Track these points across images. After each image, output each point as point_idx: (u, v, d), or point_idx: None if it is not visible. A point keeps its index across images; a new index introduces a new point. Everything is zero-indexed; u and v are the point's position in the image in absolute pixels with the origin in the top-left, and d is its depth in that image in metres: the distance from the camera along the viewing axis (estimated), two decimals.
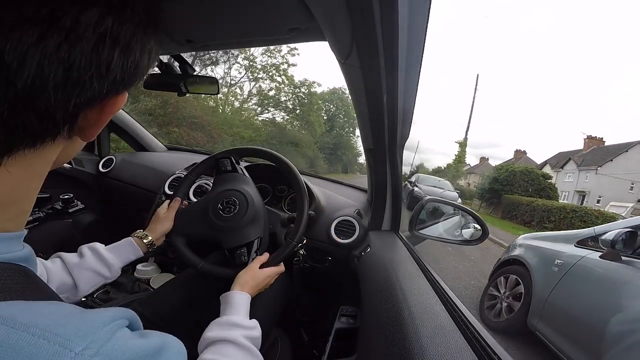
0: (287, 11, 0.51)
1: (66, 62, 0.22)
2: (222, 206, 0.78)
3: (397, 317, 0.49)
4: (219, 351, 0.50)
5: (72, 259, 0.62)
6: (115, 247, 0.70)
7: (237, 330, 0.54)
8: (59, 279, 0.59)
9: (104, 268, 0.65)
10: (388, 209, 1.03)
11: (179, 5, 0.54)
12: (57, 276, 0.59)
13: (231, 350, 0.51)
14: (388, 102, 0.63)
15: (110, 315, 0.24)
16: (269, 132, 12.51)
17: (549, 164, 21.19)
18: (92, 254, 0.64)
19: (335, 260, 1.05)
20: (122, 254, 0.69)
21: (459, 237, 1.14)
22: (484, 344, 0.41)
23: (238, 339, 0.52)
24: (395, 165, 0.93)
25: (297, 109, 13.74)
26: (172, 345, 0.27)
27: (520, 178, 13.88)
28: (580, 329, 1.69)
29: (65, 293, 0.60)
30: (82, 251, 0.64)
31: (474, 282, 3.21)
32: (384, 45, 0.47)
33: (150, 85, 0.94)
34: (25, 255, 0.28)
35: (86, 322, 0.22)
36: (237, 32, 0.63)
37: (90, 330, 0.22)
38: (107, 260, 0.65)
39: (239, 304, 0.60)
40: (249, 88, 12.86)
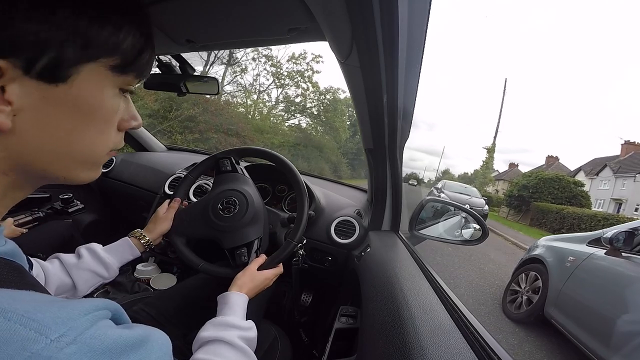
0: (287, 11, 0.50)
1: None
2: (222, 206, 0.78)
3: (397, 317, 0.48)
4: (213, 351, 0.50)
5: (70, 259, 0.63)
6: (113, 247, 0.70)
7: (233, 331, 0.53)
8: (58, 280, 0.59)
9: (102, 268, 0.65)
10: (388, 209, 1.03)
11: (179, 5, 0.54)
12: (56, 277, 0.59)
13: (225, 350, 0.51)
14: (388, 102, 0.63)
15: (94, 305, 0.24)
16: (296, 138, 12.69)
17: (583, 171, 20.38)
18: (89, 254, 0.64)
19: (335, 260, 1.05)
20: (120, 254, 0.69)
21: (459, 237, 1.14)
22: (484, 344, 0.41)
23: (233, 339, 0.52)
24: (395, 165, 0.93)
25: (322, 115, 13.94)
26: (156, 338, 0.27)
27: (550, 185, 13.60)
28: (588, 314, 1.99)
29: (64, 294, 0.60)
30: (80, 252, 0.64)
31: (497, 282, 3.43)
32: (384, 45, 0.47)
33: (150, 85, 0.94)
34: (9, 249, 0.28)
35: (67, 310, 0.22)
36: (237, 32, 0.63)
37: (69, 317, 0.21)
38: (105, 260, 0.65)
39: (235, 305, 0.60)
40: (276, 95, 12.96)
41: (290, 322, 1.17)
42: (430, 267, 0.72)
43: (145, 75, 0.33)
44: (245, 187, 0.81)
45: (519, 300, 2.62)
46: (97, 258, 0.65)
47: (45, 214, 1.17)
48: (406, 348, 0.41)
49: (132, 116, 0.35)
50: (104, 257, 0.65)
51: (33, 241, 1.07)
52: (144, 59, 0.31)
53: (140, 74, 0.32)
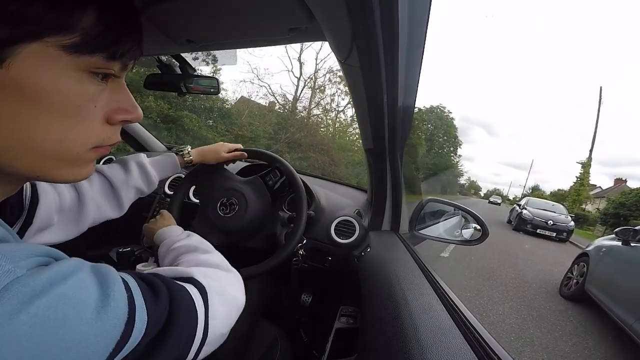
0: (287, 11, 0.51)
1: None
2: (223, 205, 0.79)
3: (397, 317, 0.49)
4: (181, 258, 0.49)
5: (119, 174, 0.60)
6: (159, 161, 0.69)
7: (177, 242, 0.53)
8: (97, 203, 0.56)
9: (145, 184, 0.64)
10: (388, 209, 1.03)
11: (179, 5, 0.54)
12: (94, 200, 0.56)
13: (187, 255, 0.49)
14: (388, 102, 0.63)
15: (37, 250, 0.24)
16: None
17: None
18: (138, 169, 0.63)
19: (335, 260, 1.04)
20: (164, 169, 0.69)
21: (459, 237, 1.14)
22: (484, 344, 0.41)
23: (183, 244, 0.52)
24: (395, 165, 0.93)
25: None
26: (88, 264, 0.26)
27: None
28: (613, 286, 2.83)
29: (104, 214, 0.58)
30: (129, 166, 0.62)
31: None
32: (384, 45, 0.47)
33: (150, 85, 0.94)
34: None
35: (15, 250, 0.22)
36: (237, 32, 0.63)
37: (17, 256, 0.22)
38: (151, 176, 0.64)
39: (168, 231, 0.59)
40: (352, 113, 12.84)
41: (290, 322, 1.17)
42: (430, 267, 0.72)
43: (123, 56, 0.28)
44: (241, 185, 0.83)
45: (570, 283, 3.56)
46: (144, 173, 0.63)
47: None
48: (406, 348, 0.41)
49: (125, 107, 0.30)
50: (151, 173, 0.64)
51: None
52: (112, 36, 0.27)
53: (111, 55, 0.27)
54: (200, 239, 0.56)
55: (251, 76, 11.28)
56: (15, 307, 0.20)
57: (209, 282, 0.38)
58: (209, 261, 0.46)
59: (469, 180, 32.70)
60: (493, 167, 62.93)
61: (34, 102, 0.24)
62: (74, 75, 0.26)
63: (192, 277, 0.36)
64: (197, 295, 0.35)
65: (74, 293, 0.23)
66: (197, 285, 0.36)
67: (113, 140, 0.31)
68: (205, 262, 0.46)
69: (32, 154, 0.26)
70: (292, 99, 11.07)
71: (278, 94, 10.92)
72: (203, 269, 0.42)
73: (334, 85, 11.41)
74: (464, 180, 31.52)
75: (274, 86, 11.82)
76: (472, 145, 61.95)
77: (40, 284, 0.21)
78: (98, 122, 0.29)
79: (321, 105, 11.62)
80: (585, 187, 18.41)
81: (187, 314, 0.32)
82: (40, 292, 0.21)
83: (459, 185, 21.66)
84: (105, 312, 0.24)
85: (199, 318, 0.33)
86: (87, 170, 0.30)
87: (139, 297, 0.27)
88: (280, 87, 11.87)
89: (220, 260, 0.48)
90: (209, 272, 0.42)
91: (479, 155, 66.04)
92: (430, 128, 20.92)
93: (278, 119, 9.71)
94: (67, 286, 0.23)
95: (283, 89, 12.02)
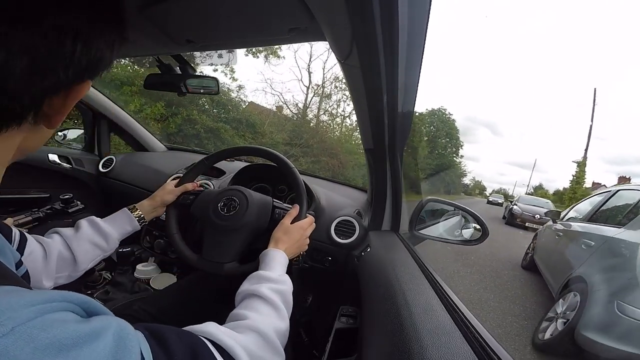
0: (287, 11, 0.50)
1: (31, 52, 0.24)
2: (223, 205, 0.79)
3: (397, 317, 0.48)
4: (246, 305, 0.51)
5: (69, 232, 0.63)
6: (112, 218, 0.71)
7: (264, 284, 0.54)
8: (58, 253, 0.59)
9: (101, 239, 0.65)
10: (388, 209, 1.03)
11: (179, 5, 0.54)
12: (56, 251, 0.59)
13: (256, 303, 0.51)
14: (388, 102, 0.63)
15: (45, 297, 0.22)
16: None
17: None
18: (88, 225, 0.65)
19: (335, 260, 1.04)
20: (119, 225, 0.70)
21: (458, 237, 1.13)
22: (484, 344, 0.41)
23: (262, 291, 0.52)
24: (395, 166, 0.93)
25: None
26: (114, 327, 0.25)
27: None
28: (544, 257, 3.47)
29: (65, 270, 0.60)
30: (79, 224, 0.65)
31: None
32: (384, 45, 0.47)
33: (150, 85, 0.94)
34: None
35: (10, 300, 0.21)
36: (237, 32, 0.63)
37: (10, 307, 0.20)
38: (104, 230, 0.66)
39: (272, 260, 0.62)
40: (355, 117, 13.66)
41: (290, 322, 1.17)
42: (430, 267, 0.71)
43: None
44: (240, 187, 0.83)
45: (527, 256, 4.08)
46: (96, 228, 0.65)
47: (45, 214, 1.17)
48: (406, 348, 0.41)
49: None
50: (103, 227, 0.66)
51: None
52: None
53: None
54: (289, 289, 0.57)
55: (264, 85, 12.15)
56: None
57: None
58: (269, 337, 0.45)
59: (474, 181, 32.91)
60: (498, 166, 63.06)
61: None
62: None
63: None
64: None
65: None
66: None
67: None
68: (265, 336, 0.45)
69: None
70: (303, 107, 11.88)
71: (290, 103, 11.75)
72: (255, 343, 0.42)
73: (340, 92, 11.97)
74: (469, 181, 31.69)
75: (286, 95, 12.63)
76: (477, 145, 61.97)
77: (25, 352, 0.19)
78: None
79: (328, 112, 12.31)
80: (581, 186, 18.90)
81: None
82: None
83: (463, 185, 22.10)
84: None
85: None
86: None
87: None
88: (292, 97, 12.79)
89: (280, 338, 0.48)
90: (257, 351, 0.41)
91: (484, 155, 66.17)
92: (432, 130, 21.26)
93: (292, 127, 10.49)
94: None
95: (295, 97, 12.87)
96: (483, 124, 61.37)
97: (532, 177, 54.57)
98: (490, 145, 63.70)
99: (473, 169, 57.91)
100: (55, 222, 1.21)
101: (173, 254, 1.31)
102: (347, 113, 12.22)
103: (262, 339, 0.44)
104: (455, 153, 23.84)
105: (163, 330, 0.31)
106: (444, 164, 21.70)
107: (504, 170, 62.68)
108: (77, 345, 0.21)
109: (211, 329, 0.38)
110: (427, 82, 31.04)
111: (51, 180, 1.42)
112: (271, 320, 0.49)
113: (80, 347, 0.21)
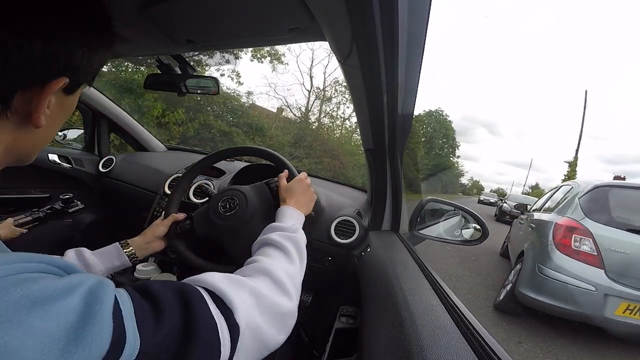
0: (287, 11, 0.51)
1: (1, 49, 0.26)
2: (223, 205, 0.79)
3: (397, 317, 0.48)
4: (261, 252, 0.53)
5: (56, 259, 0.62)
6: (102, 252, 0.69)
7: (275, 232, 0.56)
8: None
9: (84, 269, 0.63)
10: (388, 209, 1.03)
11: (179, 5, 0.54)
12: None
13: (266, 249, 0.53)
14: (388, 102, 0.63)
15: (25, 257, 0.23)
16: None
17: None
18: (75, 256, 0.64)
19: (335, 260, 1.04)
20: (107, 259, 0.69)
21: (459, 237, 1.13)
22: (484, 344, 0.41)
23: (274, 238, 0.54)
24: (395, 165, 0.93)
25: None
26: (90, 281, 0.25)
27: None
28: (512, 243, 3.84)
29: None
30: (67, 254, 0.64)
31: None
32: (384, 45, 0.47)
33: (150, 85, 0.94)
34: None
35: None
36: (237, 32, 0.63)
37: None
38: (90, 264, 0.65)
39: (283, 214, 0.64)
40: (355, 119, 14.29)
41: None
42: (430, 267, 0.71)
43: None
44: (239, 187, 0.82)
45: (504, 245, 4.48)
46: (82, 260, 0.64)
47: (45, 214, 1.17)
48: (406, 348, 0.41)
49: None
50: (90, 261, 0.65)
51: (33, 241, 1.07)
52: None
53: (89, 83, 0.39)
54: (302, 242, 0.57)
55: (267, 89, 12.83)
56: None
57: (252, 316, 0.36)
58: (279, 279, 0.44)
59: (472, 180, 33.10)
60: (497, 166, 63.27)
61: (67, 115, 0.36)
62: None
63: (232, 312, 0.34)
64: (225, 332, 0.32)
65: (40, 322, 0.21)
66: (230, 322, 0.33)
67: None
68: (276, 278, 0.44)
69: (41, 147, 0.36)
70: (305, 110, 12.51)
71: (294, 107, 12.36)
72: (263, 288, 0.41)
73: (339, 95, 12.57)
74: (467, 180, 31.92)
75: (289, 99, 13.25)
76: (475, 145, 62.14)
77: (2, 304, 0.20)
78: None
79: (329, 114, 12.98)
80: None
81: (205, 351, 0.30)
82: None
83: (461, 185, 22.46)
84: (75, 346, 0.21)
85: (222, 355, 0.31)
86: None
87: (130, 323, 0.26)
88: (296, 101, 13.51)
89: (291, 283, 0.46)
90: (266, 296, 0.40)
91: (483, 155, 66.34)
92: (429, 131, 21.63)
93: (297, 130, 11.03)
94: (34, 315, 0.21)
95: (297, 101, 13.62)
96: (481, 124, 61.66)
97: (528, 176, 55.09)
98: (489, 145, 64.11)
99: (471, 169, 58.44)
100: (55, 222, 1.21)
101: (173, 254, 1.31)
102: (346, 115, 12.83)
103: (271, 281, 0.43)
104: (452, 153, 24.63)
105: (149, 283, 0.31)
106: (441, 164, 22.27)
107: (503, 170, 62.90)
108: (51, 299, 0.22)
109: (207, 277, 0.36)
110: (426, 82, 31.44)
111: (51, 180, 1.42)
112: (281, 264, 0.49)
113: (55, 301, 0.22)
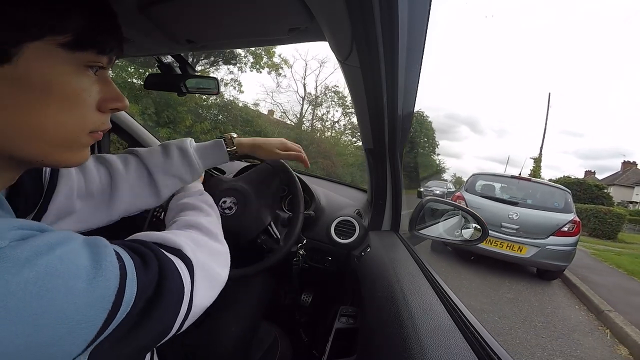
0: (287, 11, 0.51)
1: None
2: None
3: (397, 317, 0.48)
4: (179, 215, 0.52)
5: (157, 158, 0.55)
6: (205, 149, 0.61)
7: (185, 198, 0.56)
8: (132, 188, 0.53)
9: (187, 172, 0.57)
10: (388, 209, 1.03)
11: (179, 5, 0.54)
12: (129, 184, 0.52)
13: (185, 211, 0.52)
14: (388, 102, 0.63)
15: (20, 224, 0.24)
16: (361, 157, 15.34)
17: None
18: (180, 155, 0.57)
19: (335, 261, 1.04)
20: (210, 159, 0.61)
21: (459, 237, 1.13)
22: (484, 344, 0.41)
23: (186, 201, 0.54)
24: (395, 165, 0.93)
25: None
26: (79, 235, 0.27)
27: (575, 189, 14.18)
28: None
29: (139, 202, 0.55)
30: (170, 151, 0.57)
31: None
32: (384, 45, 0.47)
33: (150, 85, 0.94)
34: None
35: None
36: (237, 32, 0.63)
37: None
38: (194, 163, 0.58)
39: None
40: (344, 122, 15.88)
41: (290, 322, 1.17)
42: (430, 267, 0.72)
43: (111, 51, 0.33)
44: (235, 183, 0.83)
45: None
46: (187, 160, 0.57)
47: None
48: (406, 348, 0.41)
49: (114, 97, 0.34)
50: (194, 160, 0.58)
51: None
52: (99, 35, 0.31)
53: (102, 50, 0.32)
54: (210, 200, 0.57)
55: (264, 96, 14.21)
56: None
57: (196, 255, 0.38)
58: (204, 226, 0.47)
59: (455, 177, 34.05)
60: (479, 162, 64.02)
61: (43, 93, 0.28)
62: (72, 69, 0.30)
63: (181, 251, 0.37)
64: (184, 269, 0.35)
65: (62, 264, 0.23)
66: (184, 259, 0.36)
67: (105, 127, 0.35)
68: (200, 226, 0.46)
69: (38, 139, 0.29)
70: (299, 116, 13.96)
71: (290, 113, 13.76)
72: (195, 235, 0.43)
73: (329, 100, 14.13)
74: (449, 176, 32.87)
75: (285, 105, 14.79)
76: (458, 142, 62.83)
77: (25, 255, 0.21)
78: (92, 110, 0.33)
79: (321, 118, 14.49)
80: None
81: (175, 287, 0.33)
82: (25, 263, 0.21)
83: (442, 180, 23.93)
84: (96, 282, 0.24)
85: (185, 291, 0.34)
86: (83, 154, 0.34)
87: (130, 267, 0.28)
88: (292, 107, 15.15)
89: (215, 229, 0.48)
90: (200, 240, 0.43)
91: (466, 152, 67.22)
92: (412, 131, 23.27)
93: (295, 135, 12.21)
94: (54, 256, 0.23)
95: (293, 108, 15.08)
96: (464, 122, 62.27)
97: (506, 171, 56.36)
98: (472, 142, 64.98)
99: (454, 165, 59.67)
100: None
101: None
102: (336, 118, 14.46)
103: (199, 230, 0.45)
104: (433, 151, 27.42)
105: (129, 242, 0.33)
106: (423, 162, 24.67)
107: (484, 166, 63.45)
108: (54, 247, 0.23)
109: (147, 234, 0.37)
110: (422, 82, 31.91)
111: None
112: (200, 217, 0.50)
113: (57, 248, 0.23)
